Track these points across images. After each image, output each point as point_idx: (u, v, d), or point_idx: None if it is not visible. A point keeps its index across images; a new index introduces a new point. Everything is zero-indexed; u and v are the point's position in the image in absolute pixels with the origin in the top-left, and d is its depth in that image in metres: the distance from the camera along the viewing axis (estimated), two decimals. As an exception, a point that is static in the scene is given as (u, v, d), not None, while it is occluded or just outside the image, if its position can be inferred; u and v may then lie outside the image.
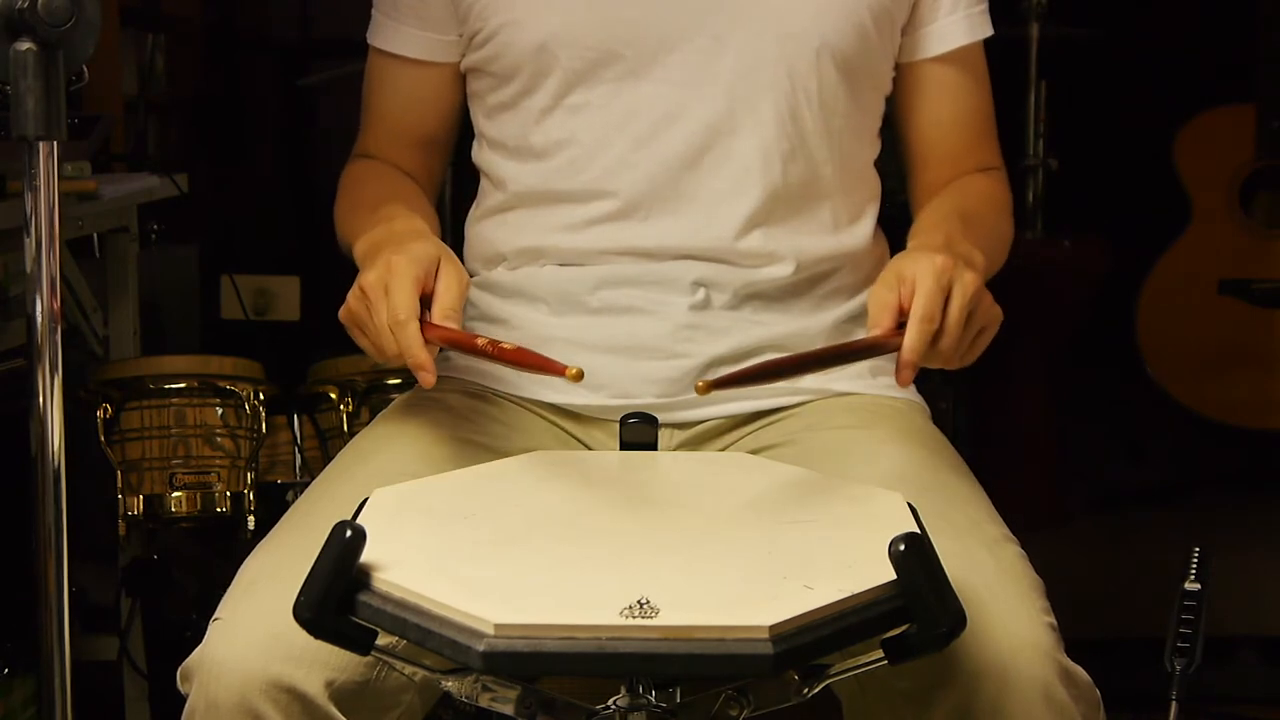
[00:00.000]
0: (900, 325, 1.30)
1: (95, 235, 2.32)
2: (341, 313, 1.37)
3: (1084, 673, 1.26)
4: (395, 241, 1.37)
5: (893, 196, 1.66)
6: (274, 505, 2.07)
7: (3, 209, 1.87)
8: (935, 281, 1.29)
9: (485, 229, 1.62)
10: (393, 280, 1.30)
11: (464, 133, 1.67)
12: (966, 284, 1.30)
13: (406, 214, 1.47)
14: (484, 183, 1.64)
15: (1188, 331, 3.52)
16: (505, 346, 1.24)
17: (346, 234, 1.54)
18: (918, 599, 1.02)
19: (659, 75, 1.50)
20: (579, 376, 1.16)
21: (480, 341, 1.26)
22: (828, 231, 1.56)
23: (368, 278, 1.33)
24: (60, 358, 1.27)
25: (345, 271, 1.48)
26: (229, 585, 1.30)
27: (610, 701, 1.07)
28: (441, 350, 1.33)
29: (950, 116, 1.61)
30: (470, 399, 1.55)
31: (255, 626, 1.23)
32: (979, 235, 1.47)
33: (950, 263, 1.31)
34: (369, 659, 1.21)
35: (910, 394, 1.59)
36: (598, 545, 1.12)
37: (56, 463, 1.27)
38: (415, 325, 1.28)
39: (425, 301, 1.32)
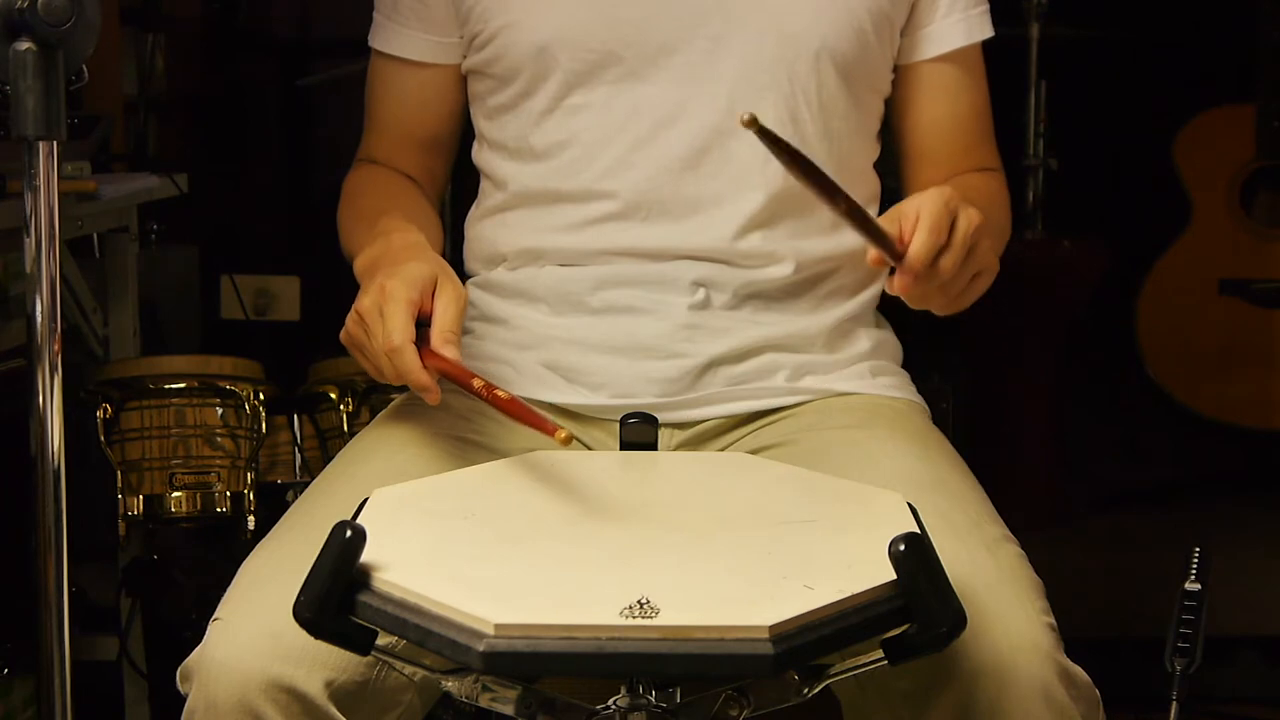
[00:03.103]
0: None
1: (95, 235, 2.32)
2: (341, 336, 1.37)
3: (1084, 673, 1.26)
4: (390, 261, 1.36)
5: (893, 196, 1.66)
6: (274, 505, 2.07)
7: (3, 209, 1.87)
8: (943, 205, 1.28)
9: (485, 229, 1.62)
10: (387, 305, 1.30)
11: (464, 133, 1.67)
12: (971, 215, 1.30)
13: (404, 227, 1.46)
14: (484, 183, 1.64)
15: (1187, 331, 3.52)
16: (500, 394, 1.22)
17: (348, 247, 1.54)
18: (918, 599, 1.02)
19: (659, 76, 1.50)
20: (568, 441, 1.14)
21: (476, 383, 1.24)
22: (827, 232, 1.56)
23: (363, 303, 1.33)
24: (60, 358, 1.27)
25: (345, 272, 1.48)
26: (229, 585, 1.30)
27: (610, 701, 1.07)
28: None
29: (948, 118, 1.61)
30: (470, 399, 1.54)
31: (255, 626, 1.23)
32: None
33: (956, 194, 1.30)
34: (369, 659, 1.21)
35: (910, 394, 1.59)
36: (597, 545, 1.12)
37: (56, 463, 1.27)
38: (411, 350, 1.28)
39: (426, 320, 1.31)
